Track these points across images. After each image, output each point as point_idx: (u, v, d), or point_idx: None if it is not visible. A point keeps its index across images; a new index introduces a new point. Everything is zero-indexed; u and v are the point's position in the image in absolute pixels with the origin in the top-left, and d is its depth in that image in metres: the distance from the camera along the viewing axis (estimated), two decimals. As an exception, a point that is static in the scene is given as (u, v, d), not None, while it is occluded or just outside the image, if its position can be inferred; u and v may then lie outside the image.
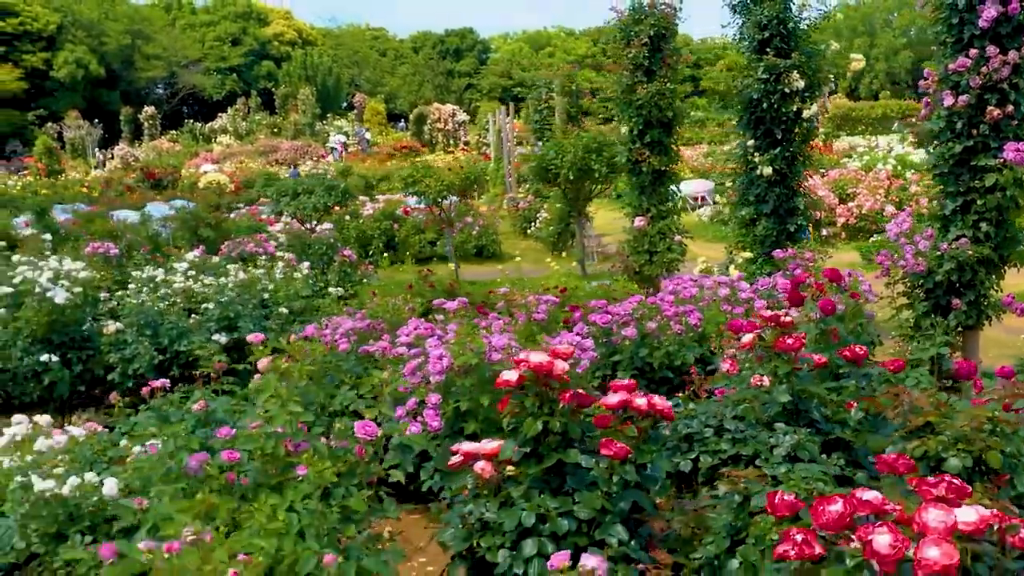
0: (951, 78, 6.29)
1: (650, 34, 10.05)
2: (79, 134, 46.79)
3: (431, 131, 51.32)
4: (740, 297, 5.96)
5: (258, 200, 20.64)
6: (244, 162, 38.88)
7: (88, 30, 56.16)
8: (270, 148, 42.59)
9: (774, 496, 2.22)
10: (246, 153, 41.72)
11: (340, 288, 8.43)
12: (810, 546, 1.94)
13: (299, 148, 42.56)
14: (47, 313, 6.73)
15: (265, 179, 31.37)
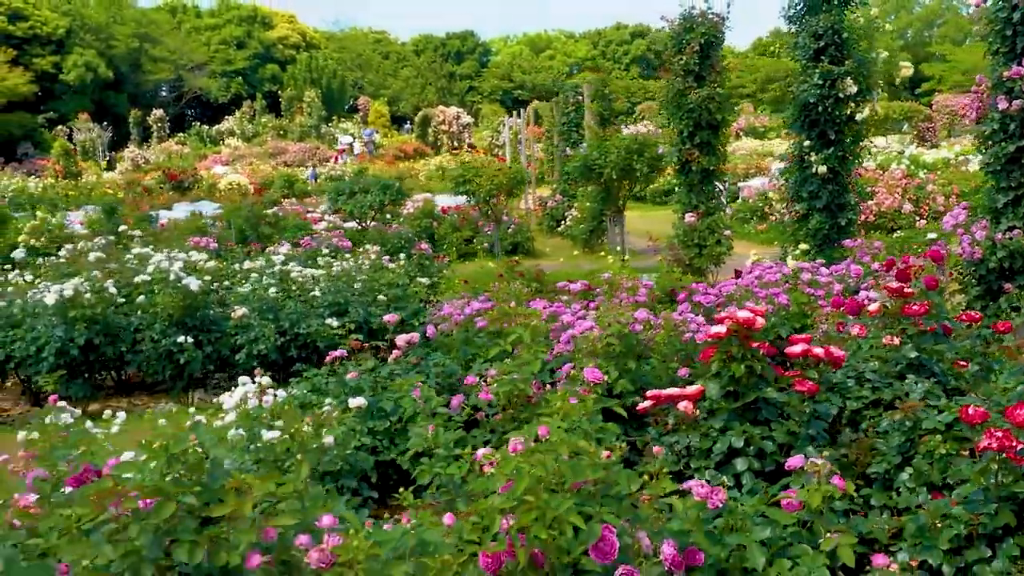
0: (1005, 84, 7.01)
1: (700, 42, 10.79)
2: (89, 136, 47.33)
3: (435, 133, 51.90)
4: (820, 281, 6.66)
5: (279, 200, 21.33)
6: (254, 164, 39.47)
7: (96, 33, 56.73)
8: (278, 150, 43.17)
9: (966, 409, 2.92)
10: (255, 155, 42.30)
11: (426, 278, 9.11)
12: (1010, 439, 2.63)
13: (307, 150, 43.20)
14: (182, 299, 7.40)
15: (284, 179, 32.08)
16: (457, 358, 6.05)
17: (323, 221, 15.99)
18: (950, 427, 3.29)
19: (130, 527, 2.17)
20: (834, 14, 8.83)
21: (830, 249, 8.93)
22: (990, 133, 7.24)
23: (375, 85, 70.68)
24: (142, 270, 7.69)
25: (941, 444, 3.20)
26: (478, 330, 6.19)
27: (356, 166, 36.38)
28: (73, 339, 7.22)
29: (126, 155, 43.41)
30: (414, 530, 2.32)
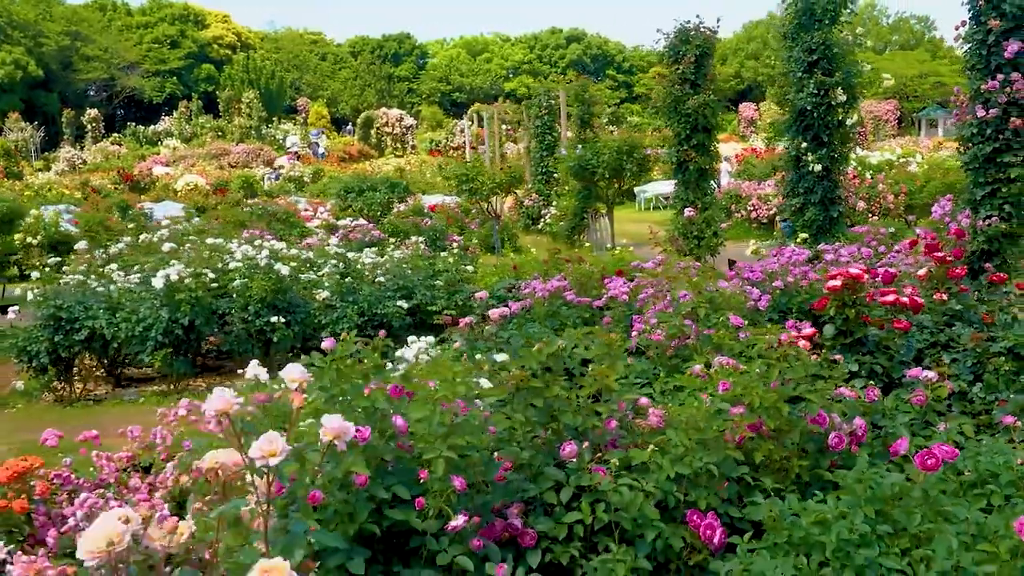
0: (983, 95, 8.34)
1: (696, 53, 11.99)
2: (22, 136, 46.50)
3: (378, 135, 52.36)
4: (840, 260, 7.87)
5: (241, 201, 21.89)
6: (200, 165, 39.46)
7: (25, 31, 55.61)
8: (221, 151, 43.08)
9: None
10: (196, 156, 42.19)
11: (470, 266, 10.11)
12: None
13: (251, 151, 43.20)
14: (274, 283, 8.24)
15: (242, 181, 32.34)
16: (547, 328, 7.08)
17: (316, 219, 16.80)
18: (1010, 351, 4.48)
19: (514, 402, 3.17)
20: (824, 31, 10.11)
21: (824, 238, 10.18)
22: (969, 136, 8.57)
23: (313, 86, 70.74)
24: (232, 257, 8.49)
25: (1004, 363, 4.38)
26: (562, 303, 7.21)
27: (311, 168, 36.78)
28: (177, 319, 8.00)
29: (61, 155, 42.88)
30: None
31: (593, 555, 3.03)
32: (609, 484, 2.94)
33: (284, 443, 1.99)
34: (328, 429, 2.13)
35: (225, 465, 2.34)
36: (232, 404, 2.03)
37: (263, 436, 1.99)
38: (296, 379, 2.21)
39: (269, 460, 1.97)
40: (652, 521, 2.95)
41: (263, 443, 1.98)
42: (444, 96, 76.04)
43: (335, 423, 2.14)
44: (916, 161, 23.07)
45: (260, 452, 1.98)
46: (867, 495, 2.87)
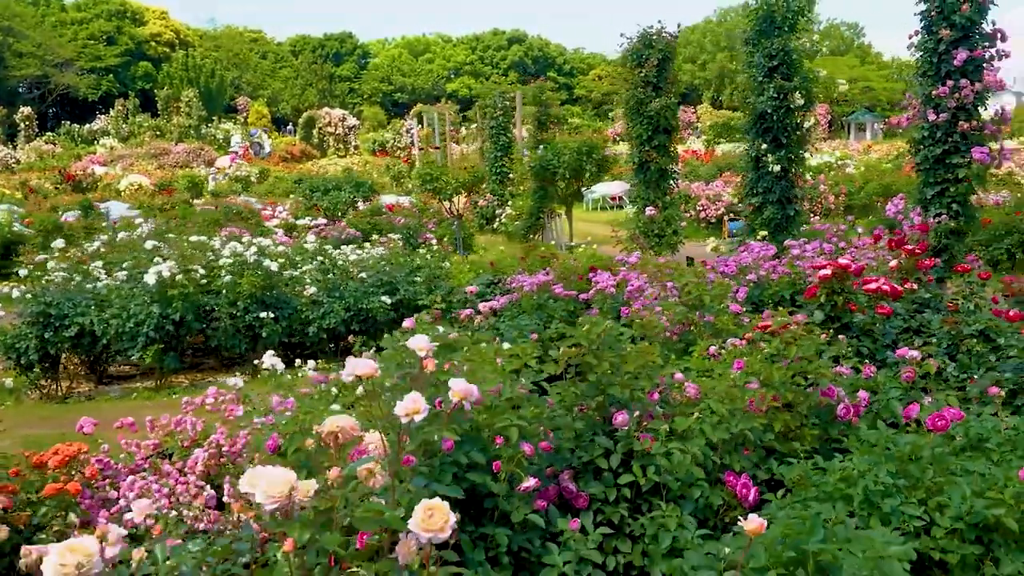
0: (933, 100, 8.95)
1: (659, 57, 12.46)
2: (-50, 135, 45.25)
3: (320, 135, 52.06)
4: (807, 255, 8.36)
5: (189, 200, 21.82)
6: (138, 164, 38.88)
7: (-48, 26, 53.98)
8: (160, 151, 42.47)
9: (1007, 312, 4.57)
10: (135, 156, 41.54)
11: (447, 263, 10.39)
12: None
13: (192, 151, 42.66)
14: (263, 279, 8.42)
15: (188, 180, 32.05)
16: (536, 320, 7.41)
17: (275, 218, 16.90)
18: (981, 333, 4.96)
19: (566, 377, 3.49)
20: (784, 38, 10.65)
21: (781, 235, 10.71)
22: (920, 139, 9.18)
23: (253, 85, 69.98)
24: (220, 254, 8.64)
25: (976, 344, 4.86)
26: (548, 296, 7.55)
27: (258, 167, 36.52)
28: (168, 315, 8.13)
29: (-7, 154, 41.79)
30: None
31: (638, 515, 3.37)
32: (660, 448, 3.29)
33: (426, 403, 2.28)
34: (456, 391, 2.43)
35: (344, 429, 2.61)
36: (376, 369, 2.32)
37: (408, 396, 2.28)
38: (423, 348, 2.50)
39: (414, 417, 2.26)
40: (697, 480, 3.31)
41: (408, 403, 2.27)
42: (386, 96, 75.94)
43: (462, 385, 2.43)
44: (853, 163, 24.01)
45: (404, 410, 2.27)
46: (885, 454, 3.27)
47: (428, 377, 2.48)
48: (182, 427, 5.34)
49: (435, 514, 2.10)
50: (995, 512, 2.94)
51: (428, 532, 2.10)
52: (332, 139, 52.71)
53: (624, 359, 3.56)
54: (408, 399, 2.29)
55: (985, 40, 8.75)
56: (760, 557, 2.55)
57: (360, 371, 2.34)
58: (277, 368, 5.77)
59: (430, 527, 2.10)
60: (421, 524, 2.11)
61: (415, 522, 2.12)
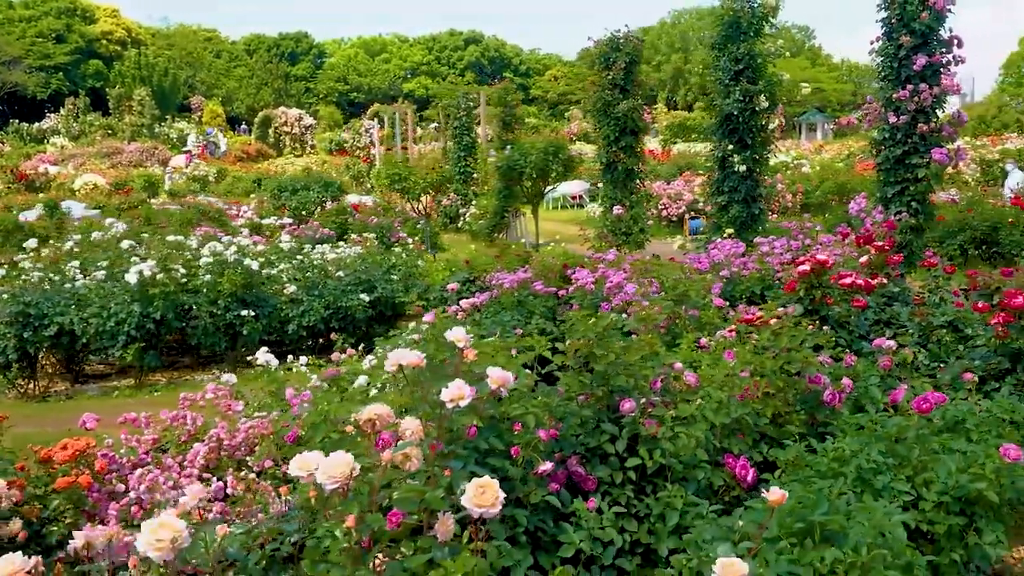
0: (894, 103, 9.30)
1: (626, 60, 12.71)
2: None
3: (277, 135, 51.65)
4: (776, 253, 8.66)
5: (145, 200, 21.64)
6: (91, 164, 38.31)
7: None
8: (113, 150, 41.83)
9: (976, 304, 4.86)
10: (87, 155, 40.90)
11: (421, 261, 10.53)
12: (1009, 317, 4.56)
13: (145, 151, 42.09)
14: (244, 277, 8.49)
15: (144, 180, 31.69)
16: (517, 316, 7.59)
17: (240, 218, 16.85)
18: (950, 324, 5.25)
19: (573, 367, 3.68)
20: (750, 42, 10.95)
21: (747, 233, 11.02)
22: (882, 140, 9.53)
23: (208, 84, 69.17)
24: (200, 253, 8.68)
25: (945, 335, 5.15)
26: (528, 293, 7.74)
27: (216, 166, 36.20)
28: (149, 314, 8.16)
29: (-62, 154, 40.86)
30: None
31: (643, 496, 3.57)
32: (667, 432, 3.49)
33: (470, 389, 2.44)
34: (494, 378, 2.59)
35: (381, 416, 2.76)
36: (422, 359, 2.48)
37: (452, 383, 2.44)
38: (461, 339, 2.66)
39: (459, 402, 2.43)
40: (701, 462, 3.52)
41: (454, 389, 2.43)
42: (342, 96, 75.54)
43: (498, 373, 2.60)
44: (808, 163, 24.58)
45: (450, 396, 2.43)
46: (874, 435, 3.51)
47: (467, 366, 2.64)
48: (178, 422, 5.42)
49: (486, 491, 2.27)
50: (978, 486, 3.19)
51: (480, 507, 2.27)
52: (288, 139, 52.30)
53: (627, 350, 3.75)
54: (453, 386, 2.45)
55: (943, 46, 9.13)
56: (772, 528, 2.76)
57: (406, 360, 2.49)
58: (271, 364, 5.89)
59: (482, 503, 2.26)
60: (473, 500, 2.27)
61: (467, 498, 2.29)
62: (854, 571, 2.55)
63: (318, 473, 2.28)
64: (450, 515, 2.64)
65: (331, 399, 3.81)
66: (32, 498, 4.23)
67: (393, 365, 2.57)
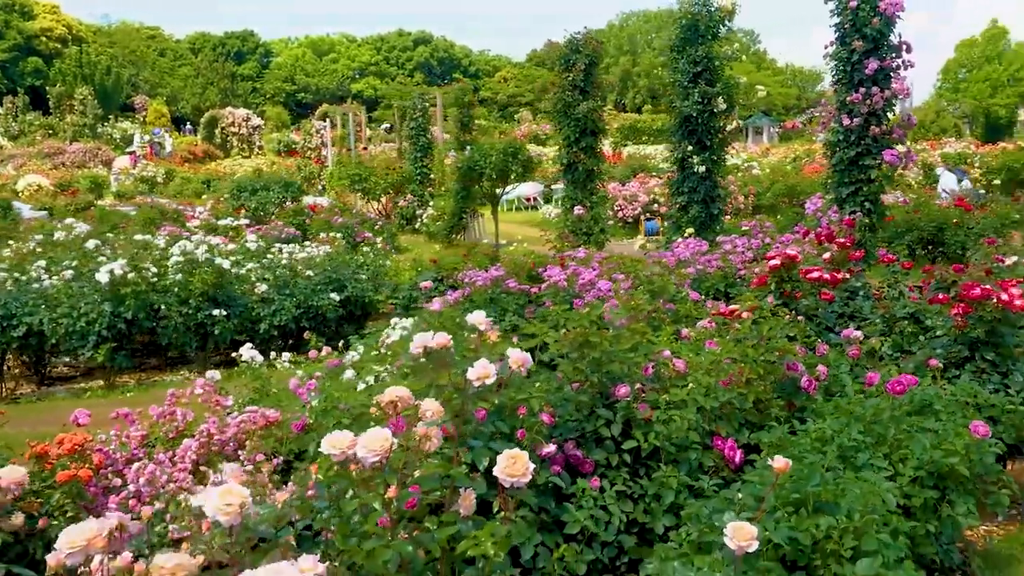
0: (848, 106, 9.67)
1: (586, 62, 12.95)
2: None
3: (224, 135, 51.05)
4: (738, 251, 8.94)
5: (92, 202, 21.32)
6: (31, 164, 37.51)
7: None
8: (55, 151, 41.05)
9: (936, 295, 5.15)
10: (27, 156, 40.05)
11: (387, 261, 10.63)
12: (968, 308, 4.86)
13: (88, 151, 41.37)
14: (215, 276, 8.51)
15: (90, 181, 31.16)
16: (491, 313, 7.75)
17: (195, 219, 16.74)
18: (911, 316, 5.55)
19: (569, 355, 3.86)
20: (707, 46, 11.27)
21: (706, 232, 11.34)
22: (836, 142, 9.90)
23: (151, 83, 68.05)
24: (169, 253, 8.68)
25: (908, 325, 5.44)
26: (501, 291, 7.90)
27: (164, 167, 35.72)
28: (120, 314, 8.14)
29: None
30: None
31: (637, 478, 3.76)
32: (661, 416, 3.68)
33: (495, 368, 2.60)
34: (514, 359, 2.76)
35: (402, 398, 2.91)
36: (450, 340, 2.63)
37: (477, 363, 2.60)
38: (482, 322, 2.82)
39: (485, 381, 2.59)
40: (693, 444, 3.72)
41: (479, 369, 2.59)
42: (290, 96, 74.87)
43: (518, 354, 2.77)
44: (757, 166, 25.14)
45: (476, 375, 2.59)
46: (852, 416, 3.75)
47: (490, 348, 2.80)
48: (165, 419, 5.47)
49: (517, 461, 2.43)
50: (950, 461, 3.44)
51: (512, 477, 2.43)
52: (236, 139, 51.69)
53: (619, 338, 3.95)
54: (478, 365, 2.61)
55: (893, 51, 9.52)
56: (769, 500, 2.96)
57: (436, 342, 2.64)
58: (256, 360, 5.97)
59: (514, 472, 2.42)
60: (506, 470, 2.43)
61: (500, 469, 2.45)
62: (848, 535, 2.77)
63: (359, 447, 2.42)
64: (471, 491, 2.80)
65: (338, 388, 3.94)
66: (28, 493, 4.28)
67: (419, 347, 2.72)
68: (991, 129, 43.41)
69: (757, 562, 2.70)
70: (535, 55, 79.02)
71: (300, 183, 16.36)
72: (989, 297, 4.81)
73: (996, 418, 4.25)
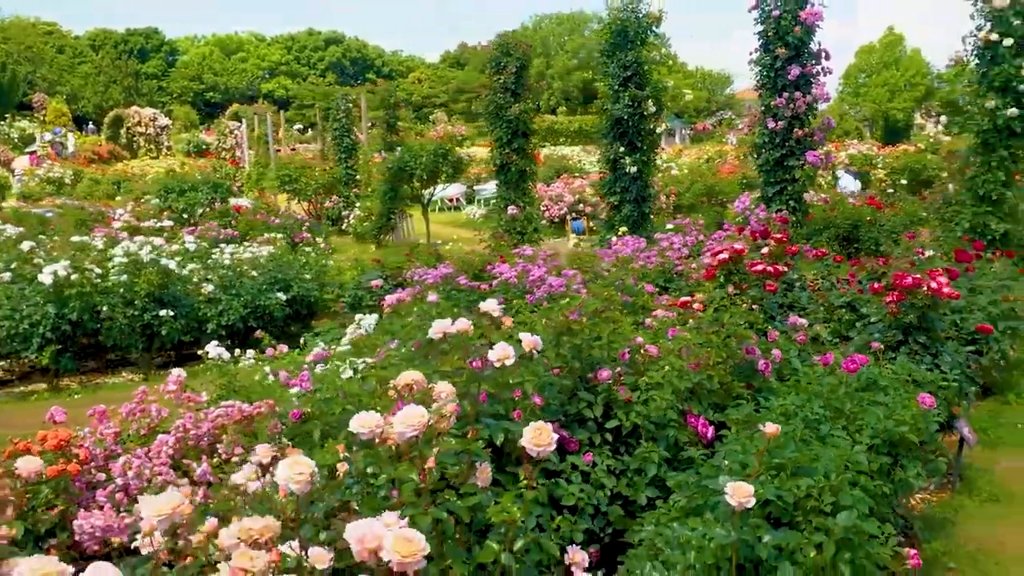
0: (772, 110, 10.20)
1: (517, 65, 13.26)
2: None
3: (129, 135, 49.70)
4: (675, 248, 9.35)
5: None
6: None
7: None
8: (-54, 151, 39.45)
9: (872, 284, 5.58)
10: (-84, 156, 38.35)
11: (331, 260, 10.71)
12: (902, 295, 5.30)
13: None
14: (161, 277, 8.48)
15: None
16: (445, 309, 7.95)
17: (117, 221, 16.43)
18: (848, 304, 6.00)
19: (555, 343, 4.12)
20: (636, 50, 11.69)
21: (638, 231, 11.76)
22: (762, 144, 10.43)
23: (50, 81, 65.65)
24: (111, 253, 8.61)
25: (845, 313, 5.88)
26: (452, 287, 8.11)
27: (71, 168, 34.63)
28: (64, 316, 8.05)
29: None
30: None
31: (618, 455, 4.05)
32: (641, 396, 3.98)
33: (513, 351, 2.84)
34: (527, 342, 3.00)
35: (417, 381, 3.12)
36: (470, 326, 2.85)
37: (498, 345, 2.83)
38: (495, 309, 3.05)
39: (506, 362, 2.82)
40: (670, 421, 4.02)
41: (499, 350, 2.82)
42: (197, 95, 73.24)
43: (529, 338, 3.00)
44: (676, 167, 25.90)
45: (497, 356, 2.82)
46: (812, 393, 4.12)
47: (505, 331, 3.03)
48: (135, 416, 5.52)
49: (542, 432, 2.67)
50: (901, 430, 3.83)
51: (538, 447, 2.66)
52: (143, 139, 50.33)
53: (597, 325, 4.23)
54: (498, 348, 2.84)
55: (813, 58, 10.09)
56: (751, 466, 3.27)
57: (456, 328, 2.86)
58: (224, 357, 6.06)
59: (540, 442, 2.66)
60: (532, 440, 2.67)
61: (527, 440, 2.68)
62: (827, 493, 3.10)
63: (396, 423, 2.62)
64: (487, 464, 3.03)
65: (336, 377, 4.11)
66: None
67: (438, 333, 2.93)
68: (890, 132, 45.56)
69: (747, 519, 3.01)
70: (448, 56, 79.15)
71: (228, 184, 16.16)
72: (920, 286, 5.27)
73: (933, 393, 4.69)
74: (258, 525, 2.03)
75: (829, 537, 2.91)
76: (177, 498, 2.12)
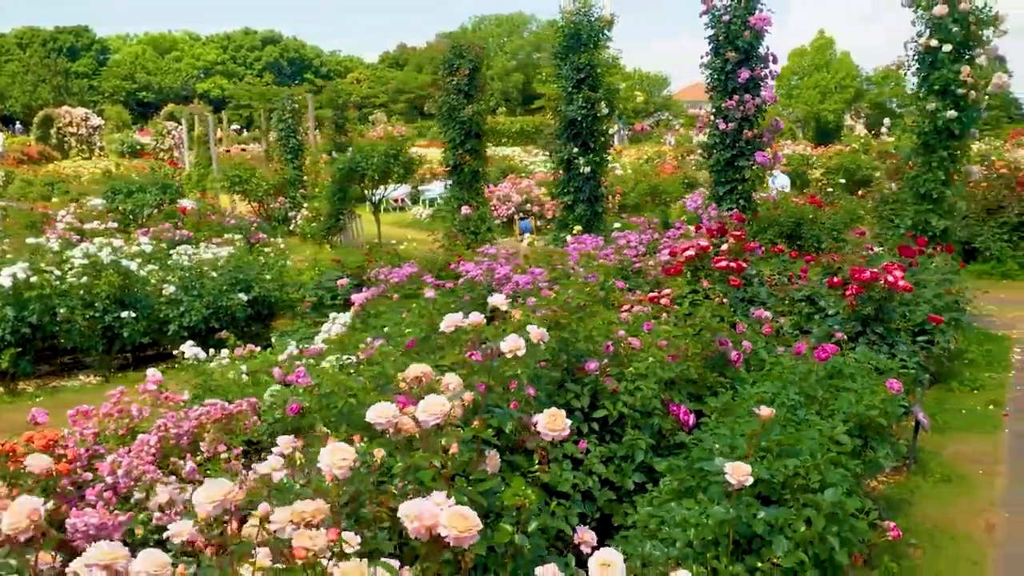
0: (723, 112, 10.51)
1: (470, 66, 13.39)
2: None
3: (60, 135, 48.44)
4: (632, 245, 9.59)
5: None
6: None
7: None
8: None
9: (831, 279, 5.86)
10: None
11: (289, 260, 10.70)
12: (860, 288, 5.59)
13: (-90, 152, 38.60)
14: (122, 278, 8.42)
15: None
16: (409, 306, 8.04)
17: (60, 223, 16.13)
18: (808, 298, 6.28)
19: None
20: (590, 53, 11.91)
21: (591, 229, 11.98)
22: (713, 145, 10.74)
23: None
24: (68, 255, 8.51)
25: (805, 307, 6.16)
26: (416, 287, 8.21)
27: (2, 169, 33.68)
28: (24, 318, 7.95)
29: None
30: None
31: (604, 444, 4.22)
32: (628, 387, 4.16)
33: (524, 342, 2.99)
34: (534, 334, 3.14)
35: (426, 373, 3.25)
36: (483, 319, 2.99)
37: (509, 336, 2.97)
38: (503, 303, 3.19)
39: (517, 352, 2.97)
40: (655, 410, 4.22)
41: (510, 342, 2.97)
42: (130, 95, 71.65)
43: (537, 330, 3.15)
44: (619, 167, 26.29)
45: (508, 347, 2.97)
46: (787, 379, 4.35)
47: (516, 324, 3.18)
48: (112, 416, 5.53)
49: (557, 418, 2.82)
50: (871, 413, 4.08)
51: (554, 431, 2.82)
52: (74, 140, 49.07)
53: (583, 319, 4.40)
54: (509, 339, 2.99)
55: (761, 61, 10.42)
56: (741, 448, 3.48)
57: (470, 322, 3.00)
58: (200, 357, 6.09)
59: (555, 427, 2.81)
60: (548, 425, 2.82)
61: (543, 424, 2.83)
62: (814, 471, 3.32)
63: (418, 412, 2.74)
64: (495, 452, 3.18)
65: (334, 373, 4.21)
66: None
67: (450, 327, 3.07)
68: (822, 133, 46.82)
69: (740, 499, 3.21)
70: (388, 56, 78.74)
71: (177, 185, 15.96)
72: (878, 280, 5.57)
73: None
74: (310, 508, 2.15)
75: (819, 512, 3.12)
76: (228, 485, 2.22)
